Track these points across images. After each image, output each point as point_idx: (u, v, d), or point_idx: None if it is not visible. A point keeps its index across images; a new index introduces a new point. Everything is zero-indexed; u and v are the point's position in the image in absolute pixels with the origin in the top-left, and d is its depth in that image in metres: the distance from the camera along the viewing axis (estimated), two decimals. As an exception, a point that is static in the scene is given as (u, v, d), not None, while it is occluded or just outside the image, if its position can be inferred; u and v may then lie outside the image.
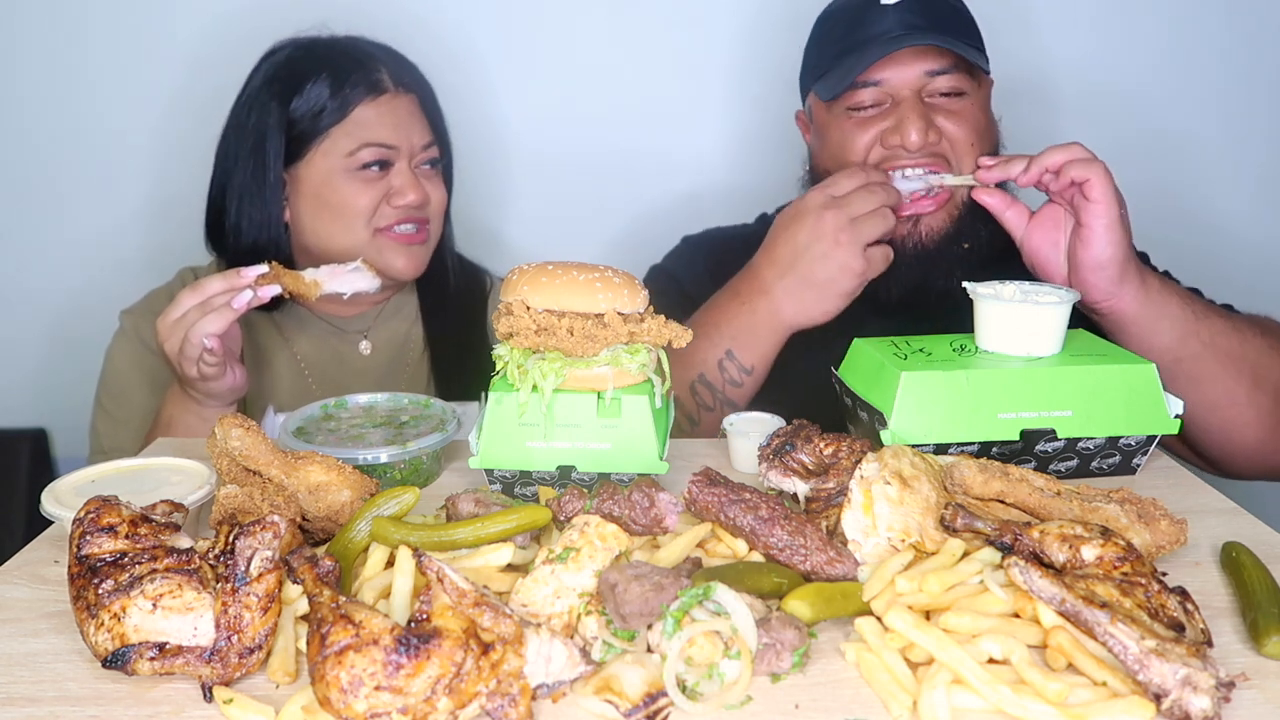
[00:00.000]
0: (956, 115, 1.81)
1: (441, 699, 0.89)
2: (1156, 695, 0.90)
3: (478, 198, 2.20)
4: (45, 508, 1.25)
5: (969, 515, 1.12)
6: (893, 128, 1.80)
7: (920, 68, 1.80)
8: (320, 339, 2.14)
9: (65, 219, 2.60)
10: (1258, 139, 2.60)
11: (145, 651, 0.96)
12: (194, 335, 1.62)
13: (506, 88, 2.57)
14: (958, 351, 1.49)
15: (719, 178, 2.64)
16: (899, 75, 1.80)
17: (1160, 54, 2.54)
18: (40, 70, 2.51)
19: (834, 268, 1.69)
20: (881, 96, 1.82)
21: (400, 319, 2.21)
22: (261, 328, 2.10)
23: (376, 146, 1.98)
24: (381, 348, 2.17)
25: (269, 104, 1.98)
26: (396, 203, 1.99)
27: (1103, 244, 1.58)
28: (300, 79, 1.98)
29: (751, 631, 0.98)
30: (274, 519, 1.03)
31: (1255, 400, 1.69)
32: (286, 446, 1.44)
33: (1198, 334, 1.65)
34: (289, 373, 2.11)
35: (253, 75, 2.03)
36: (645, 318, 1.37)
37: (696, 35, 2.56)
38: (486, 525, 1.13)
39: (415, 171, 2.03)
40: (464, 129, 2.19)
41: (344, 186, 1.98)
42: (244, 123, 2.00)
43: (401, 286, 2.19)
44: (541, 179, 2.64)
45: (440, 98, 2.11)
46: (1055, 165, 1.61)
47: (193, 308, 1.64)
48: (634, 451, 1.35)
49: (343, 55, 2.02)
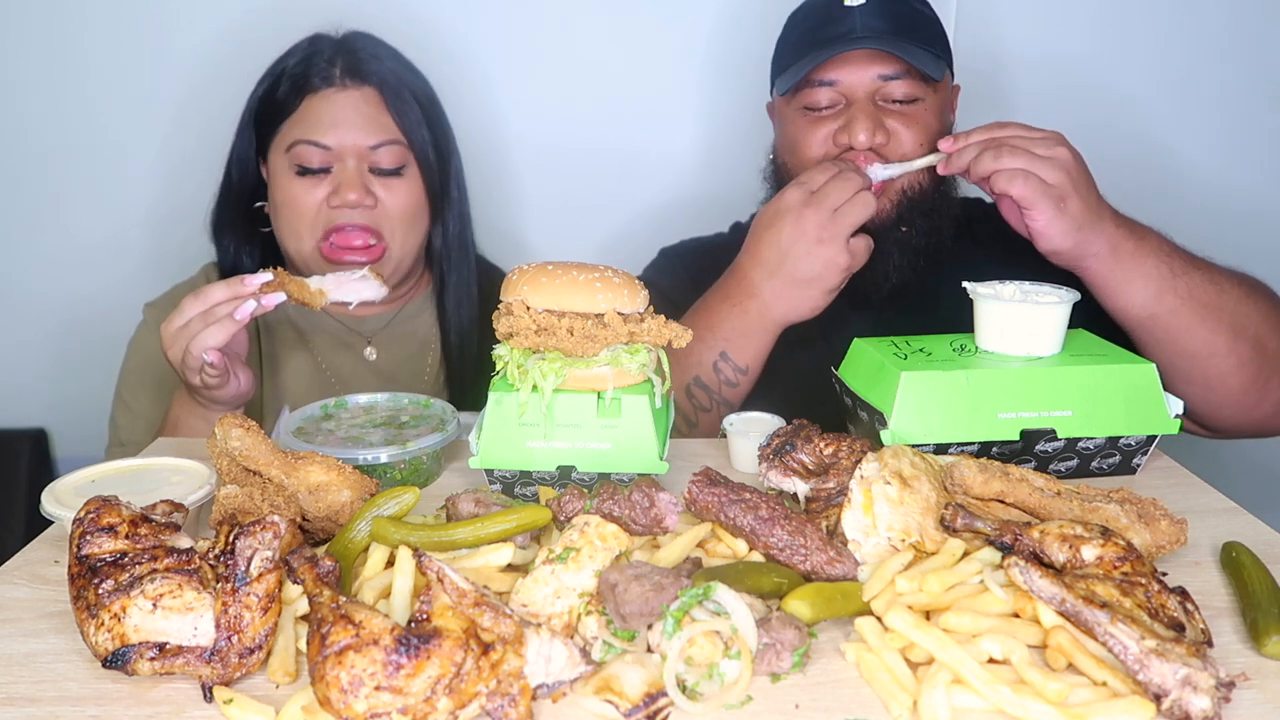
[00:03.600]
0: (908, 119, 1.83)
1: (441, 699, 0.89)
2: (1156, 695, 0.90)
3: (474, 197, 2.19)
4: (45, 508, 1.25)
5: (969, 515, 1.12)
6: (842, 128, 1.83)
7: (874, 71, 1.82)
8: (334, 338, 2.11)
9: (66, 221, 2.60)
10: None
11: (145, 651, 0.96)
12: (195, 348, 1.58)
13: (502, 85, 2.56)
14: (958, 351, 1.49)
15: (716, 179, 2.64)
16: (852, 77, 1.83)
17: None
18: (42, 75, 2.51)
19: (819, 265, 1.70)
20: (836, 97, 1.85)
21: (417, 324, 2.15)
22: (279, 327, 2.08)
23: (307, 144, 1.88)
24: (392, 354, 2.12)
25: (252, 102, 1.98)
26: (334, 202, 1.89)
27: (1045, 238, 1.62)
28: (270, 74, 1.97)
29: (751, 631, 0.98)
30: (274, 519, 1.03)
31: (1236, 349, 1.71)
32: (287, 446, 1.44)
33: (1174, 289, 1.67)
34: (308, 371, 2.08)
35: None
36: (645, 318, 1.37)
37: (697, 35, 2.56)
38: (486, 525, 1.14)
39: (368, 174, 1.92)
40: (458, 128, 2.13)
41: (287, 187, 1.92)
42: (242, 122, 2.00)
43: (410, 292, 2.15)
44: (542, 179, 2.63)
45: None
46: (985, 174, 1.63)
47: (195, 317, 1.59)
48: (634, 451, 1.35)
49: (306, 46, 1.96)
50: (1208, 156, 2.63)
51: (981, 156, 1.63)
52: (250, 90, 2.01)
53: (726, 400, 1.82)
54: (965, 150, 1.67)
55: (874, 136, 1.79)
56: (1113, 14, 2.57)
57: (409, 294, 2.16)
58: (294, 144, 1.91)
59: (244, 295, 1.59)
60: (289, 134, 1.93)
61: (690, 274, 2.07)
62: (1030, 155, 1.60)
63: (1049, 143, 1.63)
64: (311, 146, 1.90)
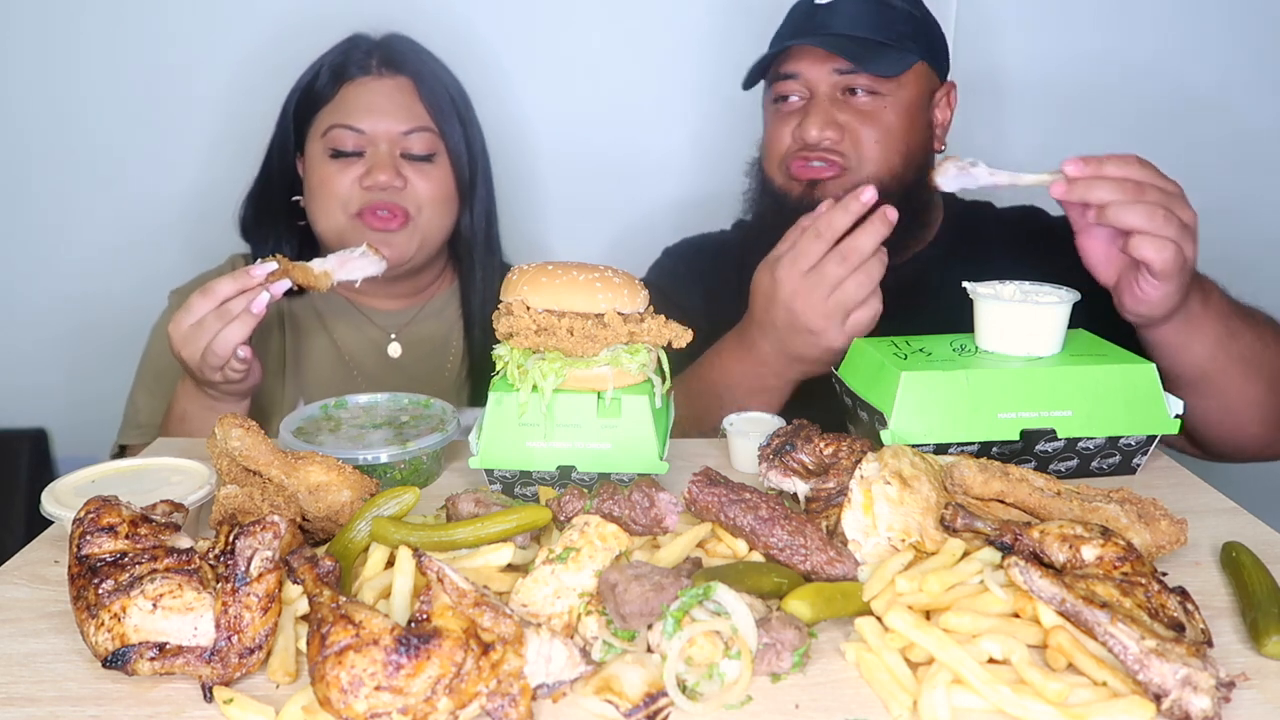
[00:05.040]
0: (865, 115, 1.83)
1: (441, 699, 0.89)
2: (1156, 695, 0.90)
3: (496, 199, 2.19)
4: (45, 508, 1.25)
5: (969, 515, 1.12)
6: (800, 122, 1.84)
7: (830, 65, 1.83)
8: (358, 329, 2.12)
9: (67, 221, 2.60)
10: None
11: (145, 651, 0.96)
12: (221, 347, 1.58)
13: (511, 87, 2.56)
14: (958, 351, 1.49)
15: (720, 178, 2.63)
16: (812, 70, 1.85)
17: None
18: (36, 75, 2.50)
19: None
20: (801, 89, 1.87)
21: (440, 321, 2.16)
22: (304, 320, 2.09)
23: (343, 128, 1.94)
24: (414, 350, 2.13)
25: (292, 95, 2.03)
26: (366, 183, 1.94)
27: (1147, 305, 1.52)
28: (311, 69, 2.01)
29: (751, 631, 0.98)
30: (274, 519, 1.03)
31: (1269, 401, 1.70)
32: (287, 446, 1.44)
33: (1227, 350, 1.63)
34: (330, 364, 2.09)
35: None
36: (645, 318, 1.37)
37: (703, 35, 2.56)
38: (486, 525, 1.14)
39: (400, 158, 1.97)
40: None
41: (322, 169, 1.96)
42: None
43: (433, 287, 2.16)
44: (558, 181, 2.63)
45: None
46: (1128, 227, 1.45)
47: (209, 314, 1.59)
48: (634, 451, 1.35)
49: (345, 44, 2.02)
50: (1215, 159, 2.62)
51: (1124, 206, 1.44)
52: (285, 93, 2.04)
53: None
54: (1095, 185, 1.46)
55: (824, 131, 1.81)
56: (1114, 17, 2.57)
57: (432, 289, 2.17)
58: (330, 129, 1.96)
59: (252, 287, 1.60)
60: (325, 120, 1.98)
61: (694, 271, 2.07)
62: (1181, 225, 1.45)
63: (1183, 202, 1.48)
64: (346, 130, 1.95)
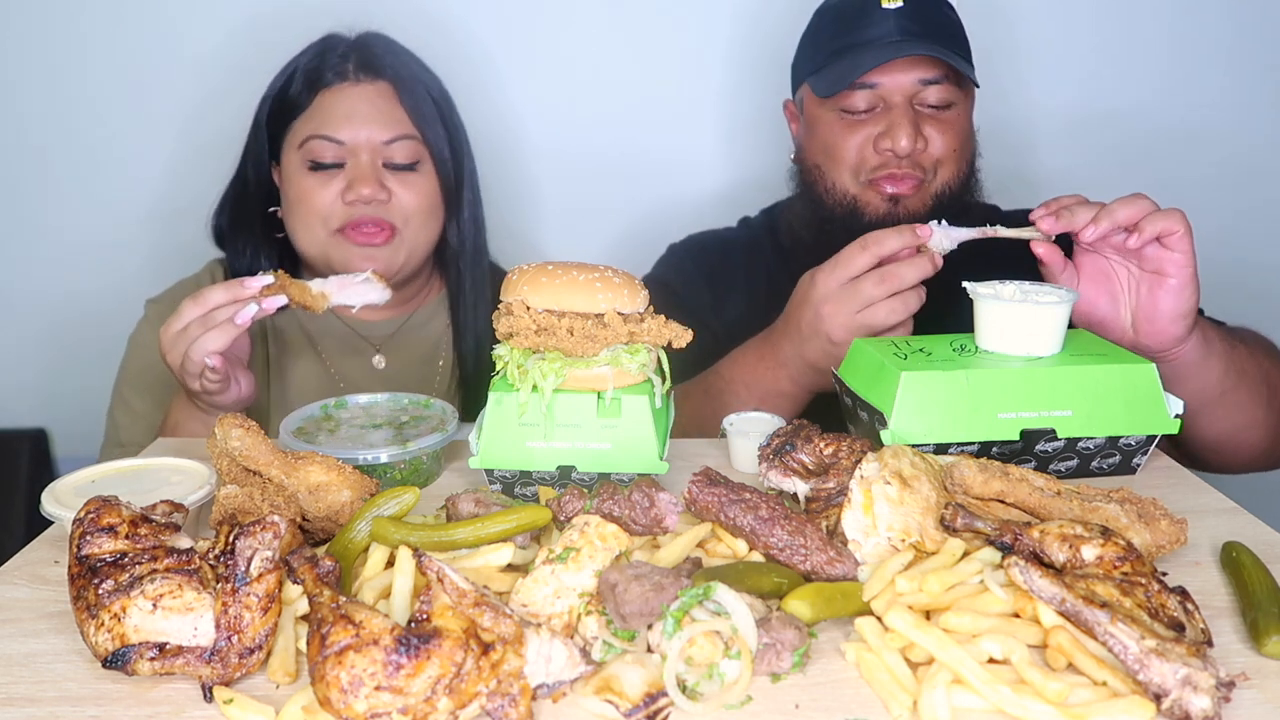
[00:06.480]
0: (944, 125, 1.84)
1: (441, 699, 0.89)
2: (1156, 695, 0.90)
3: (486, 200, 2.17)
4: (45, 508, 1.25)
5: (969, 515, 1.12)
6: (884, 132, 1.82)
7: (915, 75, 1.82)
8: (343, 343, 2.07)
9: (66, 221, 2.60)
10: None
11: (145, 652, 0.96)
12: (195, 353, 1.54)
13: (514, 88, 2.56)
14: (958, 351, 1.49)
15: (722, 178, 2.64)
16: (893, 81, 1.82)
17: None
18: (41, 73, 2.51)
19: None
20: (875, 100, 1.84)
21: (428, 331, 2.11)
22: (287, 332, 2.04)
23: (321, 139, 1.86)
24: (401, 361, 2.08)
25: (265, 101, 1.97)
26: (348, 198, 1.86)
27: (1187, 294, 1.52)
28: (284, 73, 1.95)
29: (751, 631, 0.98)
30: (274, 519, 1.03)
31: (1268, 419, 1.72)
32: (286, 446, 1.44)
33: (1234, 364, 1.64)
34: (315, 377, 2.04)
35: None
36: (645, 318, 1.37)
37: (700, 33, 2.56)
38: (486, 525, 1.13)
39: (382, 169, 1.90)
40: (471, 130, 2.11)
41: (300, 182, 1.89)
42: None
43: (419, 298, 2.12)
44: (555, 181, 2.63)
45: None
46: (1130, 221, 1.49)
47: (194, 321, 1.55)
48: (634, 451, 1.35)
49: (319, 45, 1.95)
50: (1216, 166, 2.63)
51: (1117, 205, 1.50)
52: (260, 91, 1.99)
53: None
54: (1074, 210, 1.52)
55: (915, 143, 1.80)
56: (1115, 21, 2.57)
57: (418, 299, 2.13)
58: (307, 139, 1.89)
59: (244, 298, 1.56)
60: (302, 130, 1.90)
61: (700, 267, 2.06)
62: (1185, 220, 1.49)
63: (1180, 217, 1.50)
64: (325, 141, 1.88)
